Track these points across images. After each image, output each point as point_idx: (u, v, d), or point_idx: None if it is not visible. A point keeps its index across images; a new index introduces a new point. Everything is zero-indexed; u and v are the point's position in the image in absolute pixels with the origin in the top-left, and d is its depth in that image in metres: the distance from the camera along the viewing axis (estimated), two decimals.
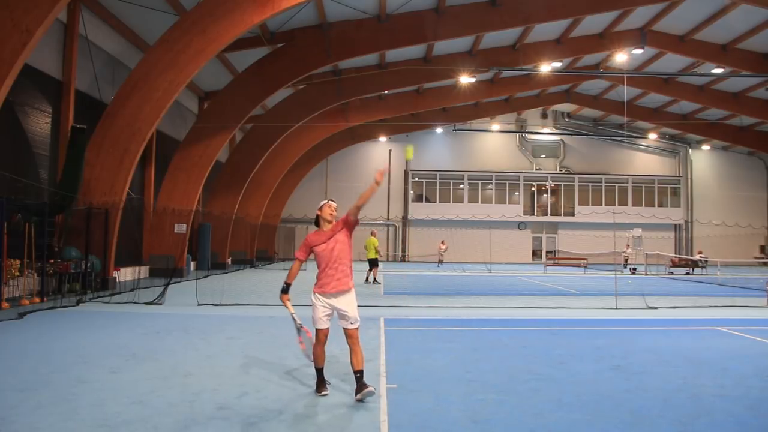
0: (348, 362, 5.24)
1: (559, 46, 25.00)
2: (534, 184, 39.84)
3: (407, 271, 27.41)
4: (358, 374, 5.08)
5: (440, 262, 33.72)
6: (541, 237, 40.04)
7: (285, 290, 5.28)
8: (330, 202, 5.42)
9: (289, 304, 5.30)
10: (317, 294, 5.23)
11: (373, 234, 19.67)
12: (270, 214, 32.67)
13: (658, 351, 7.59)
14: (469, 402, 5.13)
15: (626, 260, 29.81)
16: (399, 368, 6.33)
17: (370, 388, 5.01)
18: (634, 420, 4.69)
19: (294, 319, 5.35)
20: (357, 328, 5.22)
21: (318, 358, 5.27)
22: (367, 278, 18.66)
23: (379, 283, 18.51)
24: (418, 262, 36.99)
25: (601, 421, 4.64)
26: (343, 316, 5.20)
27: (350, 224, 5.29)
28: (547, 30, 23.69)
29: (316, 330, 5.23)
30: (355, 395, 5.04)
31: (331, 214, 5.33)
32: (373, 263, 18.72)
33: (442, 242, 34.59)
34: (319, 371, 5.34)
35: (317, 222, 5.39)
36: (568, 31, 23.90)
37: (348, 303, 5.21)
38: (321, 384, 5.31)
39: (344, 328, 5.22)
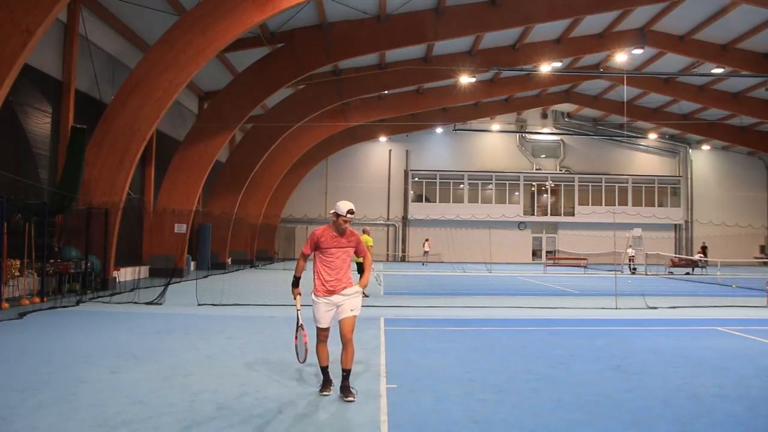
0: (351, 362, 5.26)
1: (559, 46, 24.99)
2: (534, 184, 39.82)
3: (407, 271, 27.40)
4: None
5: (425, 262, 33.98)
6: (541, 237, 40.02)
7: None
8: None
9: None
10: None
11: (365, 231, 15.27)
12: (270, 214, 32.67)
13: (658, 351, 7.59)
14: (469, 402, 5.14)
15: (631, 260, 29.70)
16: (399, 368, 6.32)
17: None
18: (634, 420, 4.69)
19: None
20: None
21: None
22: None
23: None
24: (418, 262, 36.97)
25: (601, 421, 4.64)
26: None
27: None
28: (547, 30, 23.68)
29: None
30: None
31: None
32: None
33: (426, 240, 35.00)
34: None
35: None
36: (568, 31, 23.90)
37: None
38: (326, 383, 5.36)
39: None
